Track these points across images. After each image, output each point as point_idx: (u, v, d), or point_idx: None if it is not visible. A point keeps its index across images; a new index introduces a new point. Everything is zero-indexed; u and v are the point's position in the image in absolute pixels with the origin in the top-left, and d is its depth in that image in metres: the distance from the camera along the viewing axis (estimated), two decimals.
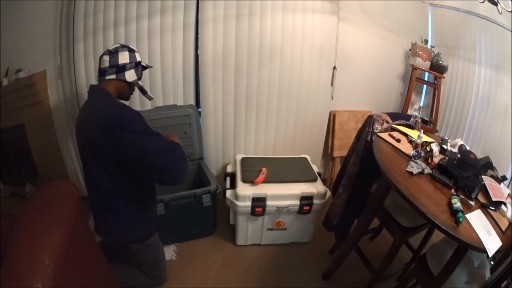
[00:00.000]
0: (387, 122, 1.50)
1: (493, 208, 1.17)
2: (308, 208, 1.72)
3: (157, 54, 1.81)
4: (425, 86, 2.51)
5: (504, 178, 1.46)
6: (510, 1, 1.48)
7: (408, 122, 1.56)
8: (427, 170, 1.19)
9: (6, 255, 0.83)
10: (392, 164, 1.19)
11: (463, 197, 1.17)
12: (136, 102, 1.89)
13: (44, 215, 0.95)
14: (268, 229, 1.81)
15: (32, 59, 1.68)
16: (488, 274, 1.34)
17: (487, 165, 1.45)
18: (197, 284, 1.65)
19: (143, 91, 1.42)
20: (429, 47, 2.34)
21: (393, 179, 1.09)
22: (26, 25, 1.61)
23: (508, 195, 1.33)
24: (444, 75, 2.28)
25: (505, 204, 1.20)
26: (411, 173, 1.16)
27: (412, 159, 1.23)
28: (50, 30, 1.64)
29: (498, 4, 1.46)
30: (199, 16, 1.80)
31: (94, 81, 1.78)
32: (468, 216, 1.08)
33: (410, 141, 1.40)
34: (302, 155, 2.03)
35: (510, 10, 1.48)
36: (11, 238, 0.87)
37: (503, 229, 1.09)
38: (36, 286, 0.77)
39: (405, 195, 1.03)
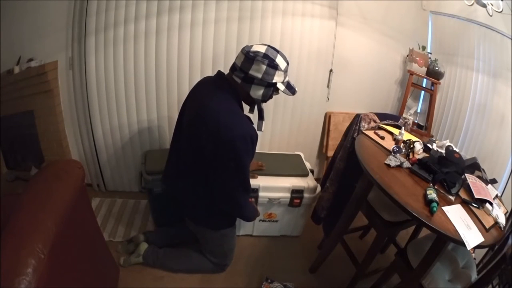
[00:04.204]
0: (375, 122, 1.56)
1: (476, 205, 1.19)
2: (298, 201, 1.78)
3: (163, 52, 1.90)
4: (422, 92, 2.55)
5: (493, 181, 1.48)
6: (500, 2, 1.52)
7: (396, 123, 1.61)
8: (406, 164, 1.24)
9: (11, 217, 0.90)
10: (371, 157, 1.25)
11: (442, 191, 1.21)
12: None
13: (50, 185, 1.03)
14: (260, 220, 1.88)
15: (44, 50, 1.78)
16: (474, 275, 1.35)
17: (473, 166, 1.48)
18: None
19: (260, 116, 1.27)
20: (428, 53, 2.39)
21: (369, 169, 1.15)
22: (39, 16, 1.71)
23: (496, 196, 1.36)
24: (440, 81, 2.32)
25: (490, 203, 1.21)
26: (388, 165, 1.21)
27: (392, 153, 1.28)
28: (63, 22, 1.74)
29: (487, 6, 1.51)
30: (202, 17, 1.90)
31: (103, 74, 1.89)
32: (445, 208, 1.11)
33: (395, 139, 1.46)
34: (297, 152, 2.10)
35: (500, 10, 1.53)
36: (17, 203, 0.95)
37: (487, 227, 1.11)
38: (37, 246, 0.81)
39: (379, 183, 1.09)
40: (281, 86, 1.19)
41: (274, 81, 1.14)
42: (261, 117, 1.28)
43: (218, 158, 1.17)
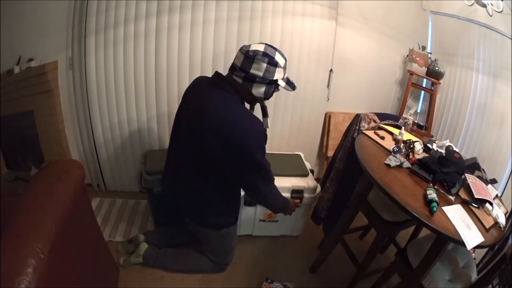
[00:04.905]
0: (375, 122, 1.56)
1: (476, 205, 1.19)
2: (298, 201, 1.77)
3: (163, 52, 1.90)
4: (422, 92, 2.55)
5: (493, 181, 1.48)
6: (500, 2, 1.53)
7: (396, 123, 1.61)
8: (406, 164, 1.24)
9: (11, 218, 0.90)
10: (371, 157, 1.25)
11: (442, 191, 1.21)
12: None
13: (50, 185, 1.03)
14: (260, 220, 1.88)
15: (45, 50, 1.79)
16: (474, 275, 1.35)
17: (473, 166, 1.48)
18: None
19: (264, 113, 1.29)
20: (428, 53, 2.39)
21: (369, 169, 1.15)
22: (39, 16, 1.72)
23: (496, 196, 1.36)
24: (440, 81, 2.32)
25: (490, 203, 1.21)
26: (388, 165, 1.21)
27: (392, 153, 1.28)
28: (63, 23, 1.74)
29: (487, 6, 1.51)
30: (202, 17, 1.90)
31: (103, 74, 1.89)
32: (445, 208, 1.11)
33: (395, 139, 1.46)
34: (297, 152, 2.10)
35: (500, 10, 1.53)
36: (17, 203, 0.95)
37: (487, 227, 1.11)
38: (37, 246, 0.81)
39: (379, 183, 1.09)
40: (281, 83, 1.20)
41: (275, 78, 1.16)
42: (265, 114, 1.29)
43: (234, 159, 1.18)
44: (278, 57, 1.15)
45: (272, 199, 1.41)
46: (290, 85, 1.24)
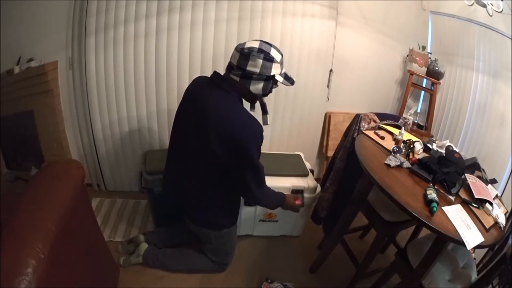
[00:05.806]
0: (375, 122, 1.56)
1: (476, 205, 1.19)
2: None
3: (163, 52, 1.90)
4: (422, 92, 2.56)
5: (493, 181, 1.48)
6: (500, 2, 1.53)
7: (396, 123, 1.61)
8: (406, 164, 1.24)
9: (11, 218, 0.90)
10: (372, 157, 1.25)
11: (442, 191, 1.21)
12: None
13: (50, 185, 1.03)
14: (260, 220, 1.88)
15: (45, 50, 1.79)
16: (474, 275, 1.35)
17: (473, 166, 1.48)
18: None
19: (264, 110, 1.30)
20: (428, 53, 2.39)
21: (369, 169, 1.15)
22: (40, 16, 1.72)
23: (496, 196, 1.35)
24: (440, 81, 2.32)
25: (490, 203, 1.21)
26: (388, 165, 1.21)
27: (392, 153, 1.28)
28: (63, 23, 1.74)
29: (487, 6, 1.51)
30: (202, 17, 1.90)
31: (103, 74, 1.89)
32: (445, 208, 1.11)
33: (395, 139, 1.46)
34: (297, 152, 2.10)
35: (500, 10, 1.53)
36: (17, 203, 0.95)
37: (487, 227, 1.11)
38: (37, 246, 0.81)
39: (379, 183, 1.09)
40: (279, 78, 1.20)
41: (272, 73, 1.15)
42: (264, 111, 1.30)
43: (232, 158, 1.18)
44: (273, 53, 1.15)
45: (265, 200, 1.42)
46: (289, 80, 1.24)
